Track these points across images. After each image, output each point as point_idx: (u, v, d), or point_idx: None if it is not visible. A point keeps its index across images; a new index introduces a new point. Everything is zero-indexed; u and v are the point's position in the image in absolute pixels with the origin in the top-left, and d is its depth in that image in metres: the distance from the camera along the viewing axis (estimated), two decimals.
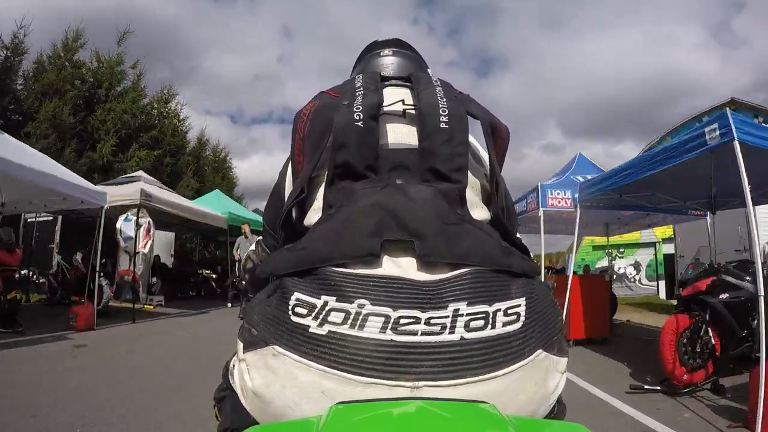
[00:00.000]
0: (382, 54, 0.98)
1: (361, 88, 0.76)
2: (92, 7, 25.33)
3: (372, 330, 0.57)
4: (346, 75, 1.02)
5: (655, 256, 14.69)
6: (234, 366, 0.72)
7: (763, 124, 4.64)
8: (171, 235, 13.65)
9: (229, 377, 0.77)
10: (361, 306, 0.57)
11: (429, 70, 0.99)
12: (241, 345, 0.67)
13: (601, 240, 11.22)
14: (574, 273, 6.71)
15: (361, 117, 0.70)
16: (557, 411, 0.71)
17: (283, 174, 0.84)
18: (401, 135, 0.74)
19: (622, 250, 14.70)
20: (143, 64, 14.58)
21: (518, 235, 0.78)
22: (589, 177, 6.15)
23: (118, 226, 8.45)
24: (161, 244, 12.33)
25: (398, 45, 1.02)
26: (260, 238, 0.97)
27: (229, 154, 20.09)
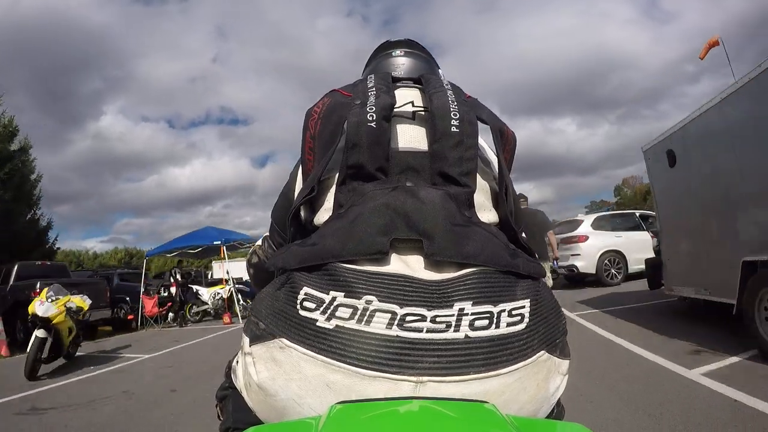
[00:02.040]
0: (393, 54, 0.99)
1: (374, 89, 0.75)
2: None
3: (378, 325, 0.57)
4: (283, 71, 0.98)
5: None
6: (238, 362, 0.73)
7: None
8: None
9: (232, 375, 0.78)
10: (368, 302, 0.58)
11: (440, 71, 0.99)
12: (247, 339, 0.67)
13: None
14: None
15: (374, 118, 0.70)
16: (557, 412, 0.72)
17: (293, 175, 0.84)
18: (411, 137, 0.75)
19: None
20: None
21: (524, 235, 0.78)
22: None
23: None
24: None
25: (410, 45, 1.02)
26: (266, 234, 0.97)
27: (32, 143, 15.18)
